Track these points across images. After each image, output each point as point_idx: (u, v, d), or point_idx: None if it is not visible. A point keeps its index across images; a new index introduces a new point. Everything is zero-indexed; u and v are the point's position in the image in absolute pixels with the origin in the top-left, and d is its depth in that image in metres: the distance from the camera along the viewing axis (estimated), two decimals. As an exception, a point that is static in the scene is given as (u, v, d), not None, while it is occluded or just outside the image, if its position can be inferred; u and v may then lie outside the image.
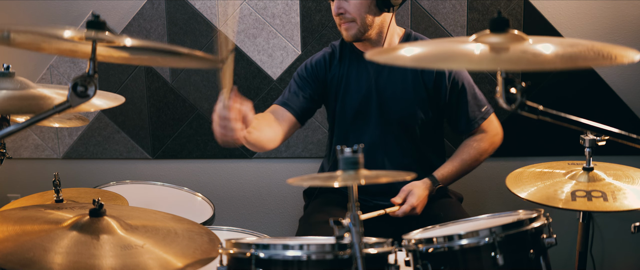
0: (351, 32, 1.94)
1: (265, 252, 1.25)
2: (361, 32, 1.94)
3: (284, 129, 1.96)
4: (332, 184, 1.16)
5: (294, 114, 2.00)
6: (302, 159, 2.71)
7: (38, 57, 2.76)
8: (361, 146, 1.18)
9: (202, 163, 2.78)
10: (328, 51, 2.10)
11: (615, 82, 2.52)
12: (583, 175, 1.71)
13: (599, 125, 1.14)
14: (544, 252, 1.37)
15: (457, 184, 2.61)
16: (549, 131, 2.54)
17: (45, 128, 2.81)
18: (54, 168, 2.55)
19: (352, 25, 1.93)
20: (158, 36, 2.67)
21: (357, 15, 1.91)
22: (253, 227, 2.58)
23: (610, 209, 1.58)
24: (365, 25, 1.93)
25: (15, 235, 1.23)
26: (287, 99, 2.03)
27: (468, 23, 2.52)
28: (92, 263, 1.19)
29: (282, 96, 2.06)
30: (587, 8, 2.49)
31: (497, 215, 1.56)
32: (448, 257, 1.34)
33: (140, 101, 2.73)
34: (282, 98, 2.05)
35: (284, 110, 2.00)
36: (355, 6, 1.90)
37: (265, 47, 2.64)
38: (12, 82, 1.40)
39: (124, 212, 1.48)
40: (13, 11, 2.74)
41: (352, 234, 1.14)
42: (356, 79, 2.05)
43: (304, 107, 2.03)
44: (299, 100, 2.02)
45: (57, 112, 1.07)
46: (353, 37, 1.95)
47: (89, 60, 1.07)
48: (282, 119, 1.98)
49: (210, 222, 2.10)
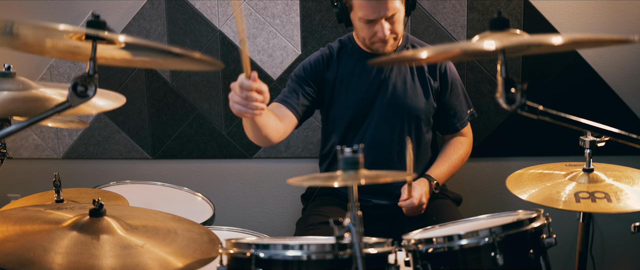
0: (390, 48, 1.98)
1: (265, 252, 1.25)
2: (397, 45, 2.01)
3: (285, 127, 1.96)
4: (332, 184, 1.16)
5: (293, 111, 2.00)
6: (302, 159, 2.71)
7: (38, 57, 2.76)
8: (361, 146, 1.18)
9: (202, 163, 2.78)
10: (326, 52, 2.11)
11: (615, 82, 2.52)
12: (583, 176, 1.71)
13: (599, 125, 1.14)
14: (544, 252, 1.37)
15: (456, 185, 2.61)
16: (548, 131, 2.54)
17: (45, 128, 2.81)
18: (54, 168, 2.55)
19: (394, 41, 1.98)
20: (158, 36, 2.67)
21: (400, 30, 1.95)
22: (253, 227, 2.58)
23: (615, 210, 1.58)
24: (400, 35, 1.99)
25: (15, 235, 1.23)
26: (286, 96, 2.03)
27: (468, 23, 2.52)
28: (92, 263, 1.19)
29: (281, 95, 2.06)
30: (587, 8, 2.49)
31: (497, 216, 1.56)
32: (448, 257, 1.34)
33: (140, 101, 2.73)
34: (281, 96, 2.05)
35: (284, 108, 2.00)
36: (399, 23, 1.93)
37: (265, 47, 2.64)
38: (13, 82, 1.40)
39: (124, 212, 1.48)
40: (13, 11, 2.74)
41: (352, 234, 1.14)
42: (358, 77, 2.06)
43: (303, 105, 2.03)
44: (298, 99, 2.02)
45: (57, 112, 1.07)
46: (391, 51, 1.99)
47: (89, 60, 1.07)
48: (283, 116, 1.98)
49: (210, 222, 2.10)
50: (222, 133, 2.72)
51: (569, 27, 2.50)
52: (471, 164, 2.64)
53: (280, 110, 1.99)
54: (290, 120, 2.00)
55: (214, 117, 2.71)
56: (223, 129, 2.72)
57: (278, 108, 2.00)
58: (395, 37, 1.95)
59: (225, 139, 2.72)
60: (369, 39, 1.95)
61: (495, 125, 2.58)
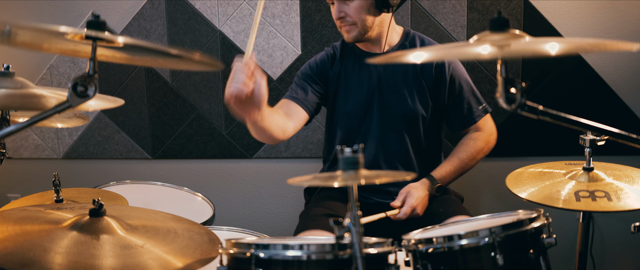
0: (352, 34, 1.98)
1: (265, 252, 1.25)
2: (361, 33, 1.97)
3: (294, 122, 1.96)
4: (332, 184, 1.16)
5: (303, 107, 2.01)
6: (302, 159, 2.71)
7: (38, 57, 2.76)
8: (361, 146, 1.18)
9: (202, 163, 2.78)
10: (330, 51, 2.13)
11: (615, 82, 2.52)
12: (583, 175, 1.71)
13: (599, 125, 1.14)
14: (544, 252, 1.37)
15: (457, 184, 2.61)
16: (547, 131, 2.54)
17: (45, 128, 2.81)
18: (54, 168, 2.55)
19: (353, 28, 1.96)
20: (158, 36, 2.67)
21: (357, 17, 1.94)
22: (253, 227, 2.58)
23: (616, 209, 1.58)
24: (365, 26, 1.96)
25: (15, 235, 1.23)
26: (294, 93, 2.04)
27: (468, 23, 2.52)
28: (92, 263, 1.18)
29: (289, 92, 2.07)
30: (587, 8, 2.49)
31: (497, 215, 1.56)
32: (448, 257, 1.34)
33: (140, 101, 2.73)
34: (290, 93, 2.05)
35: (293, 104, 2.01)
36: (355, 9, 1.93)
37: (265, 47, 2.64)
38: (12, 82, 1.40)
39: (124, 212, 1.48)
40: (13, 11, 2.74)
41: (352, 234, 1.14)
42: (357, 76, 2.06)
43: (313, 100, 2.04)
44: (306, 94, 2.04)
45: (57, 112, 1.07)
46: (354, 39, 1.99)
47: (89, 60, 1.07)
48: (292, 112, 1.98)
49: (210, 222, 2.10)
50: (222, 133, 2.72)
51: (569, 28, 2.50)
52: (471, 164, 2.64)
53: (289, 106, 2.00)
54: (301, 115, 2.00)
55: (214, 117, 2.71)
56: (223, 129, 2.72)
57: (287, 104, 2.00)
58: (354, 23, 1.95)
59: (225, 139, 2.72)
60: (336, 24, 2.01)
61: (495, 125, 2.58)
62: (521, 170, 1.85)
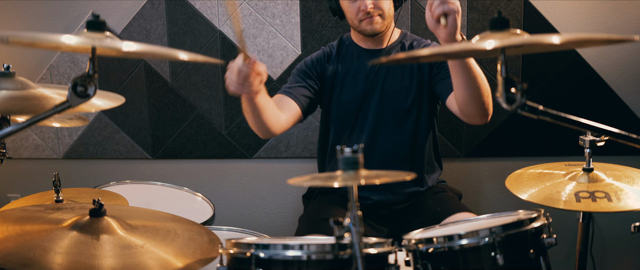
0: (379, 26, 1.99)
1: (265, 252, 1.25)
2: (385, 25, 2.01)
3: (287, 117, 1.96)
4: (332, 184, 1.16)
5: (297, 102, 2.01)
6: (302, 159, 2.71)
7: (38, 57, 2.76)
8: (361, 146, 1.18)
9: (202, 163, 2.78)
10: (326, 50, 2.14)
11: (615, 82, 2.52)
12: (583, 176, 1.71)
13: (599, 125, 1.14)
14: (544, 252, 1.37)
15: (457, 184, 2.61)
16: (547, 131, 2.54)
17: (45, 128, 2.81)
18: (54, 168, 2.55)
19: (380, 19, 1.98)
20: (158, 36, 2.67)
21: (386, 9, 1.98)
22: (253, 227, 2.58)
23: (615, 210, 1.58)
24: (390, 18, 2.01)
25: (15, 235, 1.23)
26: (288, 88, 2.05)
27: (468, 23, 2.52)
28: (92, 263, 1.19)
29: (283, 87, 2.06)
30: (587, 8, 2.49)
31: (497, 215, 1.56)
32: (448, 257, 1.34)
33: (140, 101, 2.73)
34: (283, 88, 2.06)
35: (286, 98, 2.01)
36: (387, 1, 1.98)
37: (265, 47, 2.64)
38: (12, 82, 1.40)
39: (124, 212, 1.48)
40: (13, 11, 2.74)
41: (352, 234, 1.14)
42: (354, 74, 2.07)
43: (306, 96, 2.04)
44: (301, 91, 2.04)
45: (57, 112, 1.07)
46: (378, 31, 2.00)
47: (89, 60, 1.07)
48: (286, 106, 1.98)
49: (210, 222, 2.10)
50: (222, 133, 2.72)
51: (569, 27, 2.50)
52: (471, 164, 2.64)
53: (282, 101, 1.99)
54: (293, 110, 1.99)
55: (214, 117, 2.71)
56: (223, 129, 2.72)
57: (280, 99, 2.00)
58: (382, 15, 1.97)
59: (225, 139, 2.72)
60: (356, 17, 1.98)
61: (495, 125, 2.58)
62: (521, 172, 1.85)
